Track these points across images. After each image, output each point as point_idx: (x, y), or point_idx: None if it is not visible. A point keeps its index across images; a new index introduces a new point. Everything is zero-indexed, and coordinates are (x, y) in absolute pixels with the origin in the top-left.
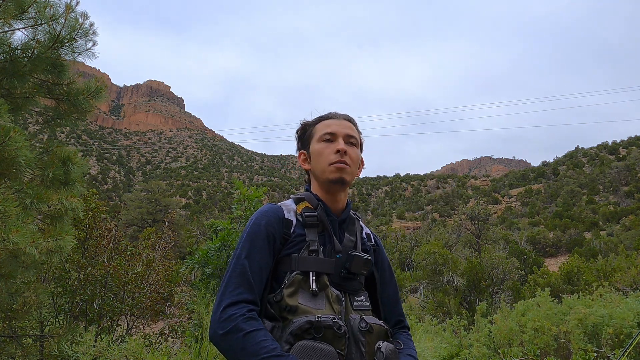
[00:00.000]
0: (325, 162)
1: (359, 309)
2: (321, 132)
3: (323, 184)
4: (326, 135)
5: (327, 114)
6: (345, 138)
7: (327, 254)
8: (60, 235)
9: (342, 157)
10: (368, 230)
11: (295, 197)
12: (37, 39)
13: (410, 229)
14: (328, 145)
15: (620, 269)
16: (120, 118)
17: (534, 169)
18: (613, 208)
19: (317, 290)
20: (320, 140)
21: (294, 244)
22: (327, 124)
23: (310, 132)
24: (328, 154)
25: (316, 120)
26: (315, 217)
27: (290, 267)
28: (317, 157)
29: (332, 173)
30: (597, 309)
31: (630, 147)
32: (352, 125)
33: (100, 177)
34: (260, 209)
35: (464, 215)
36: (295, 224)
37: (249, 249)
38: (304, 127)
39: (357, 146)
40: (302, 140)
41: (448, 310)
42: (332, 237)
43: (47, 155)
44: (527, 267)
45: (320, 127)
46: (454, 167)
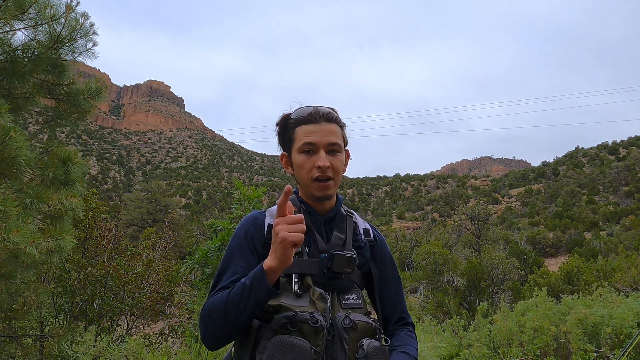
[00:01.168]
0: (307, 176)
1: (348, 307)
2: (300, 141)
3: (307, 194)
4: (306, 145)
5: (308, 114)
6: (326, 147)
7: (312, 254)
8: (60, 235)
9: (325, 172)
10: (367, 225)
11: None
12: (38, 39)
13: (410, 229)
14: (309, 158)
15: (620, 269)
16: (120, 118)
17: (534, 169)
18: (613, 208)
19: (301, 292)
20: (300, 150)
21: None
22: (307, 130)
23: (290, 135)
24: (309, 169)
25: (295, 122)
26: None
27: None
28: (298, 169)
29: (316, 191)
30: (596, 309)
31: (631, 147)
32: (333, 129)
33: (100, 177)
34: (243, 218)
35: (464, 215)
36: None
37: (229, 260)
38: (283, 126)
39: (340, 151)
40: (284, 140)
41: (448, 311)
42: (315, 237)
43: (47, 155)
44: (527, 267)
45: (300, 134)
46: (454, 167)
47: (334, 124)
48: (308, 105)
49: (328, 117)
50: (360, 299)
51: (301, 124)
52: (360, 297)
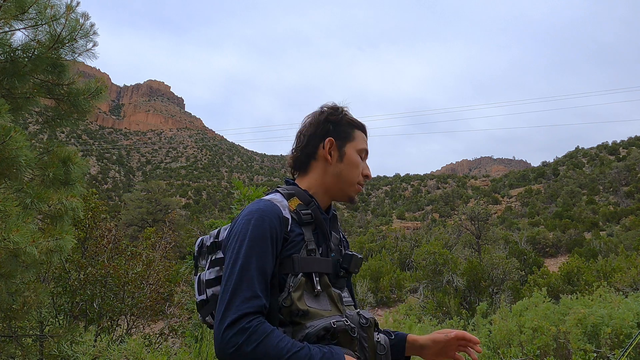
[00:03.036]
0: (354, 178)
1: (347, 305)
2: (360, 145)
3: (334, 190)
4: (364, 152)
5: (363, 125)
6: (366, 156)
7: (323, 253)
8: (60, 234)
9: (364, 182)
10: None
11: (285, 192)
12: (38, 39)
13: (410, 229)
14: (361, 163)
15: (620, 269)
16: (120, 118)
17: (534, 169)
18: (613, 208)
19: (320, 291)
20: (359, 152)
21: (294, 244)
22: (364, 139)
23: (348, 132)
24: (359, 174)
25: (354, 123)
26: (310, 215)
27: (292, 269)
28: (351, 167)
29: (354, 193)
30: (596, 309)
31: (630, 147)
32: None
33: (100, 176)
34: (256, 207)
35: (464, 215)
36: (291, 222)
37: (255, 255)
38: (341, 119)
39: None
40: (338, 130)
41: (448, 311)
42: (326, 236)
43: (47, 155)
44: (527, 268)
45: (359, 138)
46: (454, 167)
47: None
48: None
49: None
50: (349, 296)
51: (359, 129)
52: (349, 294)
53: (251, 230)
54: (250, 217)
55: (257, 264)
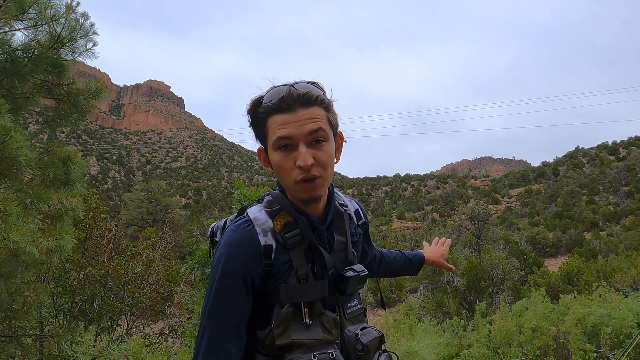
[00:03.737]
0: (288, 179)
1: (352, 315)
2: (274, 135)
3: (295, 198)
4: (280, 141)
5: (278, 100)
6: (307, 139)
7: (319, 273)
8: (60, 234)
9: (308, 172)
10: (355, 204)
11: (269, 209)
12: (38, 39)
13: (410, 229)
14: (287, 156)
15: (620, 269)
16: (120, 118)
17: (534, 169)
18: (613, 208)
19: (310, 321)
20: (276, 147)
21: (280, 275)
22: (279, 121)
23: (264, 130)
24: (290, 169)
25: (265, 111)
26: (300, 236)
27: (278, 300)
28: (278, 170)
29: (302, 193)
30: (596, 308)
31: (631, 147)
32: (314, 114)
33: (100, 176)
34: (229, 241)
35: (464, 215)
36: (276, 247)
37: (222, 300)
38: (254, 117)
39: (326, 138)
40: (257, 134)
41: (448, 311)
42: (321, 255)
43: (47, 155)
44: (527, 268)
45: (272, 127)
46: (454, 167)
47: (315, 107)
48: (282, 84)
49: (305, 99)
50: (360, 302)
51: (272, 114)
52: (360, 300)
53: (220, 271)
54: (222, 253)
55: (226, 309)
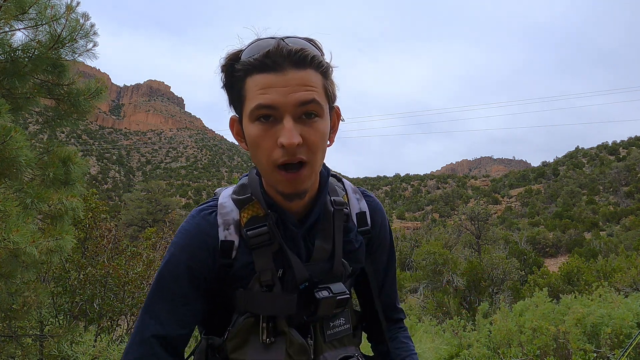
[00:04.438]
0: (265, 161)
1: (334, 337)
2: (253, 101)
3: (271, 187)
4: (261, 109)
5: (263, 55)
6: (296, 111)
7: (287, 283)
8: (60, 234)
9: (293, 154)
10: (362, 204)
11: (237, 197)
12: (38, 39)
13: (410, 229)
14: (267, 131)
15: (620, 269)
16: (120, 118)
17: (534, 169)
18: (613, 208)
19: (272, 340)
20: (253, 117)
21: (239, 278)
22: (261, 83)
23: (239, 90)
24: (269, 148)
25: (244, 68)
26: (267, 235)
27: (237, 307)
28: (253, 147)
29: (281, 184)
30: (596, 308)
31: (631, 147)
32: (307, 78)
33: (100, 176)
34: (185, 227)
35: (464, 215)
36: (239, 245)
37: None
38: (228, 75)
39: (320, 113)
40: (232, 97)
41: (448, 311)
42: (289, 261)
43: (47, 155)
44: (527, 268)
45: (250, 91)
46: (454, 167)
47: (310, 70)
48: (269, 37)
49: (298, 58)
50: (348, 321)
51: (253, 72)
52: (348, 319)
53: (163, 267)
54: (174, 242)
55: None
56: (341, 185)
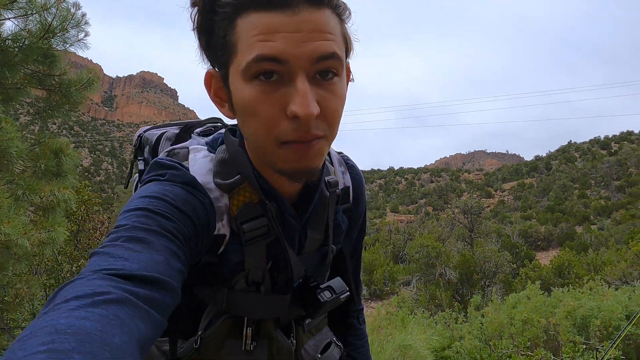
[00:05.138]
0: (265, 134)
1: (313, 325)
2: (250, 52)
3: (268, 164)
4: (264, 64)
5: None
6: (311, 66)
7: (280, 284)
8: (52, 227)
9: (308, 128)
10: (346, 176)
11: (223, 179)
12: (28, 28)
13: (404, 222)
14: (269, 94)
15: (610, 262)
16: (112, 109)
17: (527, 163)
18: (604, 202)
19: (255, 343)
20: (250, 74)
21: (224, 275)
22: (262, 25)
23: (224, 33)
24: (271, 118)
25: (235, 2)
26: (266, 227)
27: (214, 303)
28: (248, 115)
29: (285, 160)
30: (586, 301)
31: (622, 142)
32: (322, 17)
33: (92, 168)
34: (172, 193)
35: (457, 209)
36: (229, 238)
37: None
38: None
39: (339, 72)
40: (211, 44)
41: (440, 303)
42: (287, 259)
43: (38, 146)
44: (519, 261)
45: (245, 33)
46: (447, 161)
47: (327, 10)
48: None
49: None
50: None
51: (248, 9)
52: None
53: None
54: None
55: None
56: (327, 157)
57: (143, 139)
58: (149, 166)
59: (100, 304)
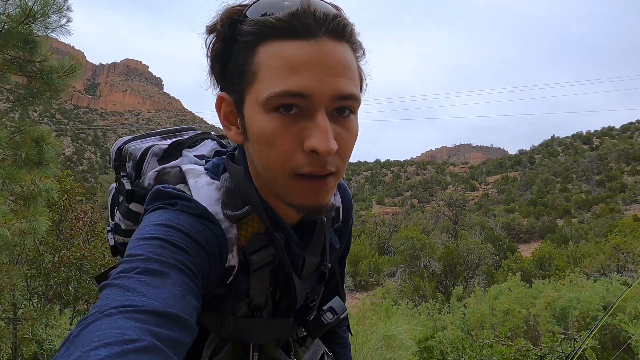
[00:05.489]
0: (281, 166)
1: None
2: (275, 85)
3: (278, 195)
4: (287, 99)
5: (290, 14)
6: (331, 103)
7: (283, 307)
8: (33, 216)
9: (324, 164)
10: (337, 199)
11: (231, 212)
12: (8, 12)
13: (390, 215)
14: (288, 127)
15: (589, 255)
16: (96, 97)
17: (511, 157)
18: (585, 196)
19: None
20: (271, 106)
21: (229, 302)
22: (288, 56)
23: (244, 61)
24: (288, 150)
25: (258, 28)
26: (273, 256)
27: (218, 330)
28: (265, 145)
29: (299, 195)
30: (565, 292)
31: (604, 137)
32: (344, 51)
33: (75, 157)
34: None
35: (442, 201)
36: (238, 269)
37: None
38: (229, 37)
39: (355, 110)
40: (226, 69)
41: (424, 294)
42: (292, 285)
43: (19, 134)
44: (501, 253)
45: (269, 63)
46: (433, 154)
47: (347, 46)
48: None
49: (335, 26)
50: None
51: (271, 38)
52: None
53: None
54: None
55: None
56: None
57: (124, 153)
58: (150, 194)
59: (130, 354)
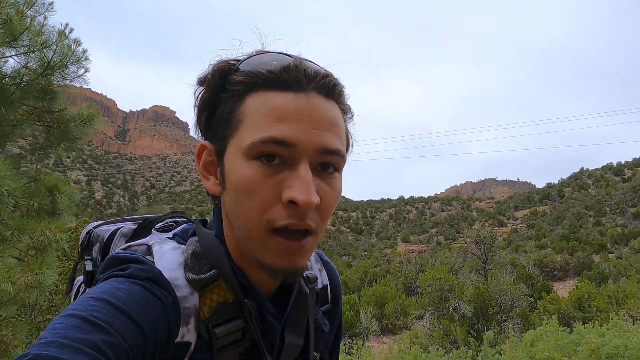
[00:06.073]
0: (257, 218)
1: None
2: (259, 131)
3: (249, 256)
4: (270, 145)
5: (281, 68)
6: (315, 156)
7: None
8: (40, 269)
9: (304, 217)
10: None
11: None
12: (28, 65)
13: (415, 252)
14: (268, 176)
15: (632, 294)
16: (125, 143)
17: (539, 190)
18: (621, 230)
19: None
20: (253, 154)
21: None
22: (275, 106)
23: (231, 110)
24: (266, 201)
25: (249, 79)
26: (241, 332)
27: None
28: (242, 195)
29: (272, 255)
30: (610, 338)
31: (636, 168)
32: (332, 108)
33: (104, 201)
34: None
35: (469, 239)
36: (195, 347)
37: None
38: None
39: (340, 167)
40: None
41: (455, 339)
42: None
43: (34, 183)
44: (535, 293)
45: (255, 112)
46: (458, 190)
47: (336, 105)
48: (276, 52)
49: (325, 84)
50: None
51: (261, 88)
52: None
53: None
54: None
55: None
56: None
57: (92, 236)
58: (104, 263)
59: None
